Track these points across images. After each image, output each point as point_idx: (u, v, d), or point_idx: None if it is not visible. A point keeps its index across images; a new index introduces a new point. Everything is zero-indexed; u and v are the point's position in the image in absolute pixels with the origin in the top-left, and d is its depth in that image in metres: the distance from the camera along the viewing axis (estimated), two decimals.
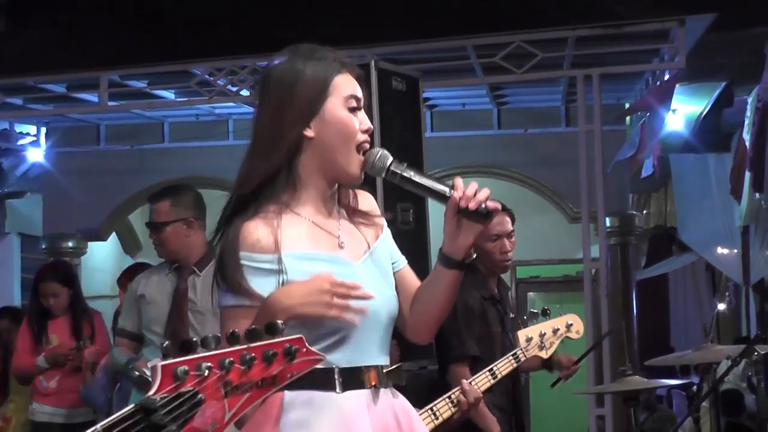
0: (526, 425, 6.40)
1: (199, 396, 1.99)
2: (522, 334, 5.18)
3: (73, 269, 8.12)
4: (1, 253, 13.98)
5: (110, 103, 10.62)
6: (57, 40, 10.47)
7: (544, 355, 5.21)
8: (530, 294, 15.46)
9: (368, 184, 3.16)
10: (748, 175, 10.55)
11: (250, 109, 11.45)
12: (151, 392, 1.95)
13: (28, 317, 8.07)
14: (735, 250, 13.46)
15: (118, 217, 13.15)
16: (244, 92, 10.07)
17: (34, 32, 10.74)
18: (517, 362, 5.17)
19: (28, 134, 13.27)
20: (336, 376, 2.84)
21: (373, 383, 2.90)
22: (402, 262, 3.15)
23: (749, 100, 10.70)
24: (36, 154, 13.24)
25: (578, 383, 8.38)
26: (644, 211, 15.25)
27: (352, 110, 2.95)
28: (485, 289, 5.86)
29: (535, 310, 5.37)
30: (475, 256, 5.86)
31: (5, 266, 14.00)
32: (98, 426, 1.89)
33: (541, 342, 5.17)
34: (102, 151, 13.15)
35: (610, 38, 9.34)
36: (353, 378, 2.87)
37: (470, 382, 4.98)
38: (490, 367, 5.13)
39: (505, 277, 6.47)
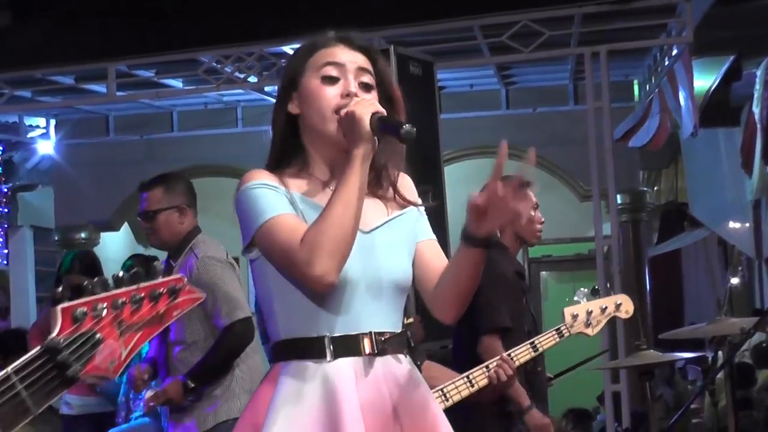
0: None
1: (98, 336, 2.11)
2: (568, 312, 5.15)
3: (94, 261, 8.15)
4: (14, 246, 14.02)
5: (118, 94, 10.63)
6: (63, 31, 10.48)
7: (590, 332, 5.15)
8: (543, 273, 15.48)
9: None
10: (758, 148, 10.55)
11: (259, 96, 11.47)
12: (53, 334, 2.07)
13: (52, 305, 8.12)
14: (747, 224, 13.43)
15: (129, 207, 13.16)
16: (252, 79, 10.08)
17: (40, 25, 10.76)
18: (560, 337, 5.16)
19: (37, 127, 13.30)
20: (327, 344, 2.83)
21: (368, 351, 2.86)
22: (426, 236, 3.11)
23: (758, 74, 10.68)
24: (46, 147, 13.28)
25: (594, 360, 8.40)
26: (655, 188, 15.25)
27: (329, 79, 2.94)
28: (514, 263, 5.91)
29: (584, 289, 5.34)
30: (499, 234, 5.88)
31: (19, 259, 14.04)
32: (9, 369, 1.99)
33: (588, 320, 5.12)
34: (111, 141, 13.18)
35: (616, 14, 9.33)
36: (346, 346, 2.85)
37: (510, 355, 4.98)
38: (532, 340, 5.13)
39: (517, 256, 6.47)
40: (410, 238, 3.06)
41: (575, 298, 5.27)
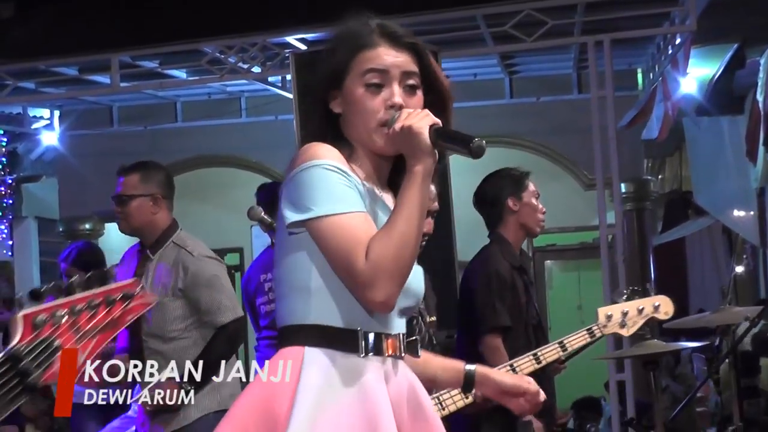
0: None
1: (56, 342, 2.14)
2: (602, 312, 5.10)
3: (93, 254, 8.15)
4: (19, 237, 14.04)
5: (122, 84, 10.62)
6: (67, 23, 10.48)
7: (625, 332, 5.13)
8: (547, 262, 15.48)
9: None
10: (763, 136, 10.54)
11: (262, 86, 11.47)
12: (15, 341, 2.09)
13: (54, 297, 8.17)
14: (751, 212, 13.42)
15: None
16: (256, 69, 10.07)
17: (43, 16, 10.76)
18: (591, 337, 5.13)
19: (41, 118, 13.31)
20: (360, 338, 2.74)
21: (390, 352, 2.80)
22: None
23: (761, 62, 10.68)
24: (50, 138, 13.29)
25: (597, 349, 8.40)
26: (659, 176, 15.23)
27: (373, 86, 2.83)
28: (513, 259, 5.86)
29: (625, 291, 5.30)
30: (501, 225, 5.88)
31: (24, 250, 14.06)
32: None
33: (623, 320, 5.09)
34: (115, 132, 13.19)
35: (620, 3, 9.32)
36: (377, 344, 2.77)
37: (538, 352, 4.97)
38: (560, 339, 5.11)
39: (522, 245, 6.46)
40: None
41: (614, 299, 5.27)
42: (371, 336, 2.77)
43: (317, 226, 2.71)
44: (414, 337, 2.94)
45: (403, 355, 2.85)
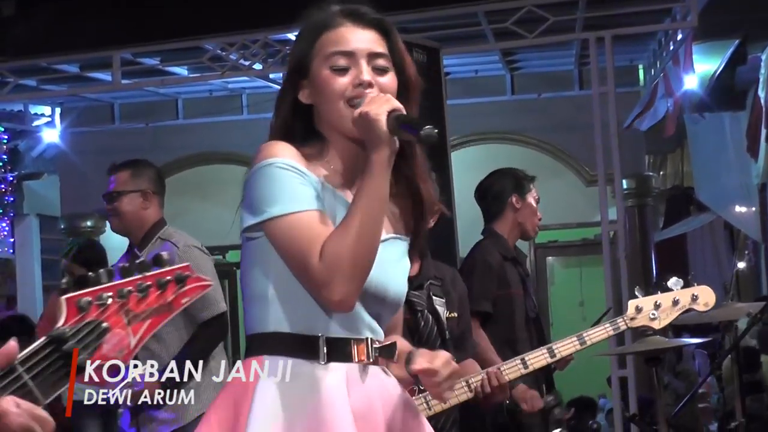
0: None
1: (104, 325, 2.09)
2: (632, 304, 4.88)
3: (94, 250, 8.17)
4: (20, 235, 14.03)
5: (123, 82, 10.62)
6: (68, 20, 10.47)
7: (656, 326, 4.87)
8: (549, 258, 15.46)
9: None
10: (764, 132, 10.54)
11: (264, 83, 11.48)
12: (59, 324, 2.05)
13: (58, 292, 8.23)
14: (753, 208, 13.41)
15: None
16: (257, 66, 10.07)
17: (44, 13, 10.75)
18: (615, 331, 5.01)
19: (42, 115, 13.32)
20: (321, 345, 2.63)
21: (361, 358, 2.68)
22: None
23: (763, 57, 10.68)
24: (51, 135, 13.30)
25: (600, 344, 8.40)
26: (661, 172, 15.23)
27: (338, 70, 2.71)
28: (506, 251, 5.88)
29: (665, 283, 4.93)
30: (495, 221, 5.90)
31: (25, 247, 14.06)
32: (15, 360, 1.97)
33: (654, 313, 4.86)
34: (117, 129, 13.20)
35: None
36: (341, 350, 2.66)
37: (554, 347, 4.91)
38: (579, 333, 5.04)
39: (523, 242, 6.47)
40: (405, 262, 2.86)
41: (636, 293, 4.94)
42: (335, 342, 2.66)
43: (272, 227, 2.65)
44: (390, 342, 2.77)
45: (371, 360, 2.71)
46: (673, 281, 4.92)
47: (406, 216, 2.87)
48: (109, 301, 2.11)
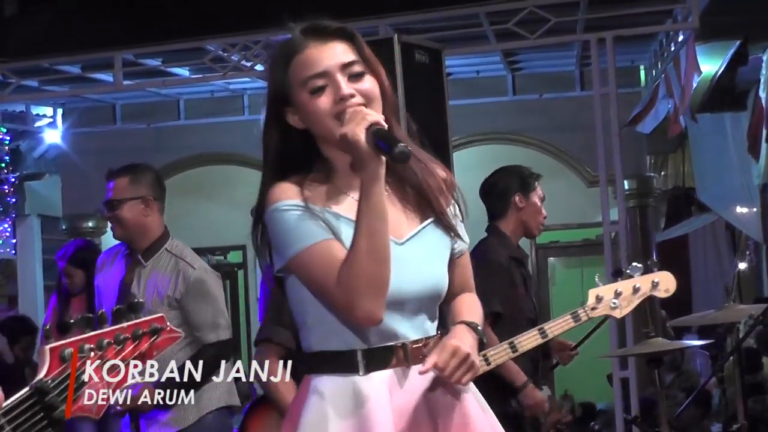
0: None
1: (84, 378, 2.17)
2: (592, 293, 4.93)
3: (90, 251, 8.15)
4: (22, 235, 14.04)
5: (125, 83, 10.64)
6: (70, 21, 10.49)
7: (618, 314, 4.93)
8: (550, 259, 15.45)
9: None
10: (765, 132, 10.53)
11: (265, 84, 11.45)
12: (41, 374, 2.11)
13: (56, 294, 8.24)
14: (754, 209, 13.41)
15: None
16: (259, 67, 10.08)
17: (46, 14, 10.77)
18: (576, 321, 5.00)
19: (44, 116, 13.33)
20: (359, 358, 2.78)
21: (401, 362, 2.80)
22: (459, 248, 3.02)
23: (764, 58, 10.67)
24: (53, 136, 13.30)
25: (601, 347, 8.41)
26: (662, 173, 15.23)
27: (316, 90, 2.78)
28: (511, 250, 5.87)
29: (625, 270, 4.99)
30: (499, 220, 5.89)
31: (27, 248, 14.06)
32: None
33: (615, 301, 4.90)
34: (118, 130, 13.19)
35: (622, 0, 9.32)
36: (379, 358, 2.79)
37: (515, 341, 4.93)
38: (540, 326, 5.05)
39: (525, 243, 6.47)
40: (444, 242, 2.94)
41: (596, 281, 4.99)
42: (372, 353, 2.79)
43: (292, 266, 2.78)
44: (435, 334, 2.89)
45: (409, 363, 2.81)
46: (633, 268, 4.91)
47: (436, 185, 2.96)
48: (91, 353, 2.17)
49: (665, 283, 4.97)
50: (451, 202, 3.00)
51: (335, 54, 2.81)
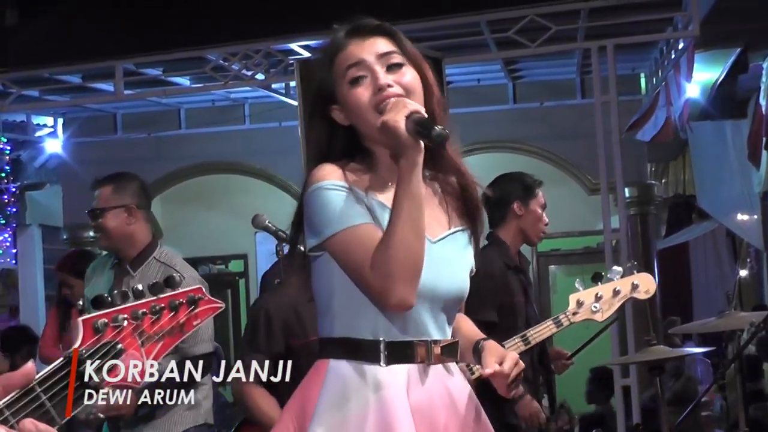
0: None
1: (119, 346, 2.17)
2: (573, 298, 4.95)
3: (89, 261, 8.15)
4: (23, 245, 14.05)
5: (126, 92, 10.64)
6: (70, 31, 10.50)
7: (599, 318, 4.92)
8: (551, 267, 15.45)
9: None
10: (765, 140, 10.54)
11: (266, 93, 11.49)
12: (76, 345, 2.12)
13: (56, 304, 8.22)
14: (755, 216, 13.42)
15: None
16: (260, 76, 10.09)
17: (47, 23, 10.78)
18: (558, 327, 5.00)
19: (45, 126, 13.33)
20: (382, 349, 2.79)
21: (421, 359, 2.82)
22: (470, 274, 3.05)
23: (764, 66, 10.69)
24: (54, 145, 13.30)
25: (603, 354, 8.41)
26: (663, 180, 15.24)
27: (356, 81, 2.84)
28: (509, 259, 5.85)
29: (604, 273, 5.03)
30: (495, 228, 5.88)
31: (28, 258, 14.07)
32: (33, 381, 2.04)
33: (596, 305, 4.90)
34: (119, 139, 13.20)
35: (623, 8, 9.32)
36: (401, 352, 2.81)
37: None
38: (523, 333, 5.06)
39: (526, 250, 6.45)
40: (469, 252, 2.99)
41: (576, 286, 5.02)
42: (396, 345, 2.80)
43: (330, 245, 2.79)
44: (452, 341, 2.91)
45: (431, 361, 2.84)
46: (612, 271, 4.92)
47: (464, 207, 3.00)
48: (125, 323, 2.18)
49: (645, 284, 4.97)
50: (475, 222, 3.04)
51: (373, 45, 2.89)
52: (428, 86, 2.91)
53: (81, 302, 2.28)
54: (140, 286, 2.23)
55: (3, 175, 13.38)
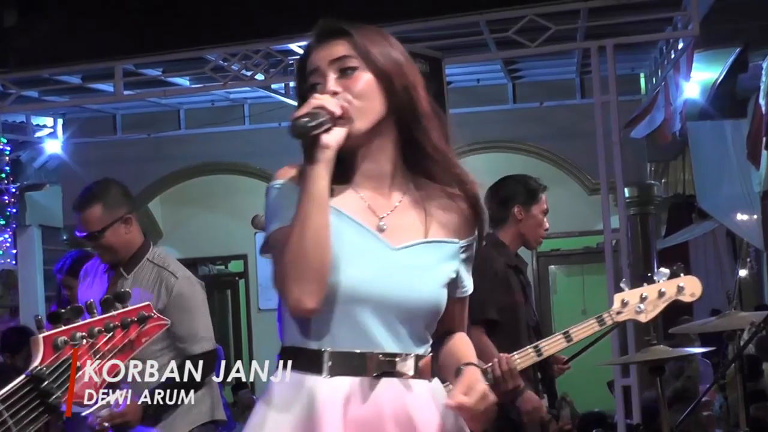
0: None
1: (78, 364, 2.24)
2: (618, 297, 4.87)
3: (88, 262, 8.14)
4: (22, 246, 14.04)
5: (125, 93, 10.64)
6: (70, 31, 10.50)
7: (643, 318, 4.85)
8: (551, 267, 15.47)
9: None
10: (765, 139, 10.54)
11: (265, 93, 11.49)
12: (36, 362, 2.18)
13: (56, 305, 8.22)
14: (755, 216, 13.43)
15: (137, 205, 13.22)
16: (259, 76, 10.09)
17: (46, 24, 10.78)
18: (601, 325, 4.96)
19: (45, 126, 13.34)
20: (325, 359, 2.65)
21: (370, 372, 2.65)
22: (463, 291, 2.90)
23: (764, 65, 10.68)
24: (53, 146, 13.31)
25: (603, 354, 8.40)
26: (662, 180, 15.24)
27: (313, 88, 2.75)
28: (509, 258, 5.84)
29: (650, 275, 4.92)
30: (496, 228, 5.88)
31: (27, 258, 14.07)
32: None
33: (640, 306, 4.84)
34: (119, 140, 13.21)
35: (622, 8, 9.32)
36: (347, 363, 2.65)
37: (539, 346, 4.91)
38: (565, 330, 5.01)
39: (526, 251, 6.44)
40: (446, 266, 2.81)
41: (621, 286, 4.93)
42: (341, 356, 2.66)
43: (268, 245, 2.73)
44: (421, 353, 2.74)
45: (379, 373, 2.67)
46: (659, 273, 4.90)
47: (458, 219, 2.86)
48: (83, 341, 2.24)
49: (691, 287, 4.95)
50: (473, 236, 2.89)
51: (327, 51, 2.78)
52: (392, 88, 2.82)
53: (39, 316, 2.30)
54: (93, 302, 2.29)
55: (3, 175, 13.36)
